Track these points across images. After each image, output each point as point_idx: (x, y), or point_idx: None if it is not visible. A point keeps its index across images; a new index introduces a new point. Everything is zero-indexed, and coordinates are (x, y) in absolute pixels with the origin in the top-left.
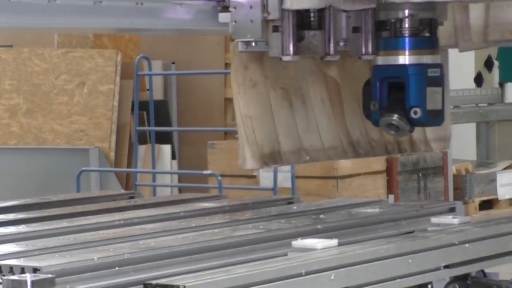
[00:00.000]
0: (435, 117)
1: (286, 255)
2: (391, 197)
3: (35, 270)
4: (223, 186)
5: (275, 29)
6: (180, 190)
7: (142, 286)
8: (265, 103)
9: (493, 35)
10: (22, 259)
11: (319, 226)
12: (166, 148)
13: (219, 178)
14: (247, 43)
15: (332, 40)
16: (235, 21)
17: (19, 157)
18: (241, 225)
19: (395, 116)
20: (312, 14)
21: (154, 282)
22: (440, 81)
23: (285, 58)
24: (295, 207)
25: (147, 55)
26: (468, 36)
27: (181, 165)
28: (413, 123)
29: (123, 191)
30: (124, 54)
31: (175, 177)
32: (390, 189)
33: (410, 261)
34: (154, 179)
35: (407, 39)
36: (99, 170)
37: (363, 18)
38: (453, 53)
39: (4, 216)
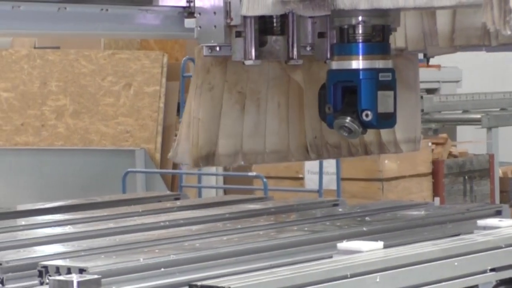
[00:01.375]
0: (387, 120)
1: (331, 257)
2: (437, 200)
3: (81, 270)
4: (268, 188)
5: (238, 34)
6: (226, 191)
7: (187, 287)
8: (216, 107)
9: (459, 40)
10: (68, 259)
11: (364, 229)
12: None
13: (265, 179)
14: (212, 48)
15: (295, 45)
16: (200, 27)
17: (66, 158)
18: (286, 227)
19: (348, 119)
20: (275, 20)
21: (199, 283)
22: (391, 85)
23: (247, 62)
24: (340, 209)
25: (193, 57)
26: (436, 41)
27: (226, 167)
28: (365, 126)
29: (168, 192)
30: (170, 56)
31: (221, 178)
32: (435, 191)
33: (456, 264)
34: (199, 181)
35: (359, 45)
36: (144, 172)
37: (328, 24)
38: (501, 55)
39: (51, 216)
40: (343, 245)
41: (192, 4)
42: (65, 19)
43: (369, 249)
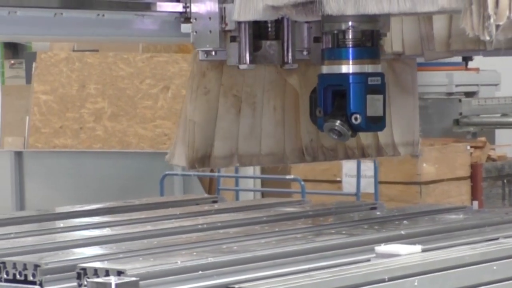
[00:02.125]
0: (376, 123)
1: (369, 260)
2: (475, 204)
3: (119, 273)
4: (306, 191)
5: (233, 39)
6: (263, 194)
7: None
8: (211, 110)
9: (455, 45)
10: (106, 262)
11: (402, 232)
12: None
13: (302, 183)
14: (207, 52)
15: (290, 50)
16: (196, 32)
17: (104, 160)
18: (324, 230)
19: (338, 122)
20: (269, 25)
21: (237, 286)
22: (381, 89)
23: (242, 67)
24: (378, 213)
25: None
26: (432, 46)
27: (264, 170)
28: (354, 129)
29: (206, 195)
30: None
31: (258, 181)
32: (474, 195)
33: (494, 268)
34: (237, 184)
35: (348, 50)
36: (182, 174)
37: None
38: None
39: (89, 219)
40: (381, 248)
41: (188, 10)
42: (61, 24)
43: (407, 253)
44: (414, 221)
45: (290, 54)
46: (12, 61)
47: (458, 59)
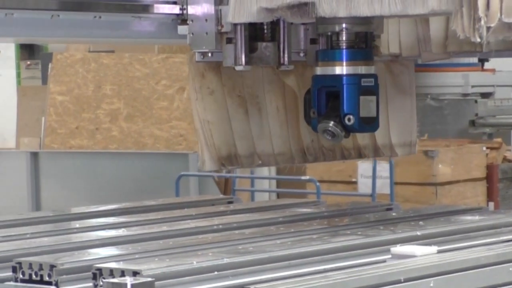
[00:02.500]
0: (369, 124)
1: (385, 261)
2: (491, 205)
3: (135, 273)
4: (321, 192)
5: (229, 40)
6: (278, 195)
7: None
8: (222, 110)
9: (451, 47)
10: (122, 262)
11: (418, 233)
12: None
13: (317, 183)
14: (204, 54)
15: (286, 51)
16: (192, 33)
17: (119, 161)
18: (339, 231)
19: (331, 123)
20: (265, 27)
21: (252, 286)
22: (374, 90)
23: (238, 68)
24: (394, 214)
25: None
26: (429, 47)
27: (279, 171)
28: (347, 130)
29: (221, 196)
30: None
31: (273, 182)
32: (490, 196)
33: (511, 269)
34: (252, 184)
35: (341, 51)
36: (198, 175)
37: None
38: None
39: (105, 219)
40: (397, 249)
41: (185, 12)
42: (58, 26)
43: (423, 254)
44: (429, 222)
45: (286, 55)
46: (28, 62)
47: (475, 59)
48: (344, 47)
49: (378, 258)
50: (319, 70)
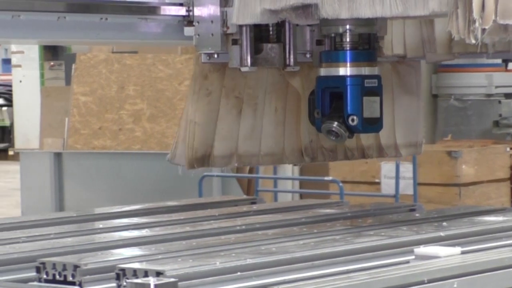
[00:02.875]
0: (373, 125)
1: (408, 262)
2: None
3: (158, 273)
4: (344, 193)
5: (234, 42)
6: (301, 196)
7: None
8: (213, 111)
9: (456, 48)
10: (145, 263)
11: (441, 234)
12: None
13: (341, 184)
14: (210, 55)
15: (291, 52)
16: (198, 35)
17: (142, 162)
18: (362, 231)
19: (335, 124)
20: (271, 29)
21: (275, 287)
22: (377, 91)
23: (243, 69)
24: (417, 214)
25: None
26: (434, 49)
27: (302, 171)
28: (351, 130)
29: (244, 196)
30: None
31: (296, 183)
32: None
33: None
34: (275, 185)
35: (345, 52)
36: (221, 176)
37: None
38: None
39: (128, 220)
40: (420, 250)
41: (191, 13)
42: (64, 28)
43: (447, 255)
44: (453, 223)
45: (291, 56)
46: (52, 63)
47: (498, 60)
48: (347, 48)
49: (401, 259)
50: (322, 71)
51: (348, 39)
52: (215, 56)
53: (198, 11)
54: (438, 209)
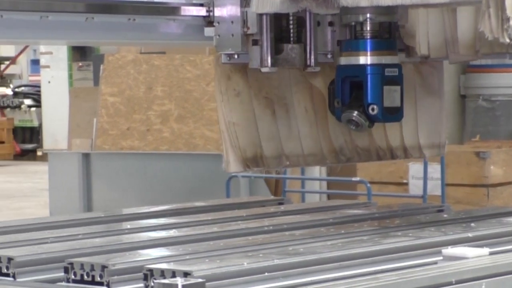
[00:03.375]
0: (393, 114)
1: (436, 263)
2: None
3: (185, 274)
4: (372, 193)
5: (255, 42)
6: (329, 196)
7: None
8: (248, 111)
9: (484, 49)
10: (172, 263)
11: (470, 235)
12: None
13: (368, 185)
14: (230, 56)
15: (312, 53)
16: (219, 35)
17: (170, 162)
18: (390, 232)
19: (355, 113)
20: (291, 29)
21: None
22: (398, 80)
23: (264, 70)
24: (445, 215)
25: None
26: (457, 49)
27: (330, 172)
28: (371, 119)
29: (272, 197)
30: None
31: (324, 183)
32: None
33: None
34: (303, 186)
35: (366, 41)
36: (248, 176)
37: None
38: None
39: (156, 220)
40: (448, 251)
41: (211, 14)
42: (92, 28)
43: (475, 256)
44: (481, 224)
45: (312, 57)
46: (80, 64)
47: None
48: (367, 37)
49: (429, 260)
50: (342, 60)
51: (368, 28)
52: (235, 56)
53: (218, 12)
54: (466, 210)
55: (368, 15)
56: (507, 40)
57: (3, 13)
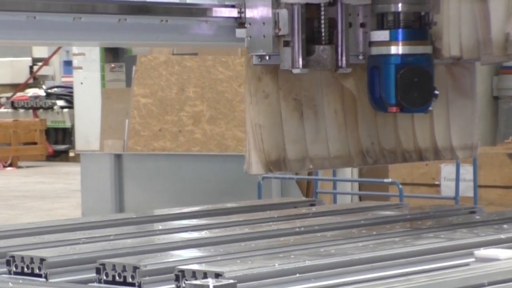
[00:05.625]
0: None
1: (468, 265)
2: None
3: (217, 275)
4: (404, 195)
5: (286, 43)
6: (361, 198)
7: None
8: (275, 113)
9: (511, 49)
10: (204, 264)
11: (502, 236)
12: None
13: (400, 186)
14: (261, 57)
15: (343, 54)
16: (250, 36)
17: (202, 163)
18: (422, 234)
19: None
20: (323, 30)
21: None
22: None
23: (295, 71)
24: (477, 217)
25: None
26: (490, 50)
27: (362, 173)
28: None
29: (304, 198)
30: None
31: (356, 185)
32: None
33: None
34: (334, 187)
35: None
36: (280, 177)
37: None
38: None
39: (188, 221)
40: (481, 252)
41: (243, 15)
42: (125, 29)
43: (507, 257)
44: None
45: (343, 58)
46: (113, 65)
47: None
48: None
49: (461, 262)
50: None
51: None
52: (267, 58)
53: (250, 13)
54: (498, 212)
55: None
56: None
57: (37, 15)
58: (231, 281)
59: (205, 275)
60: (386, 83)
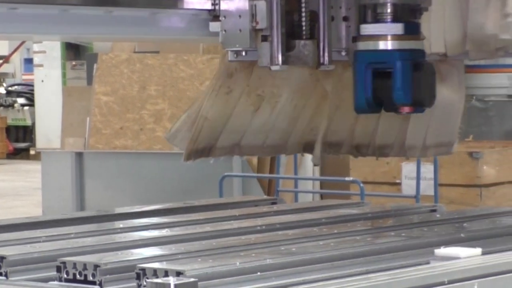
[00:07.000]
0: None
1: (429, 263)
2: None
3: (178, 273)
4: (365, 193)
5: (264, 38)
6: (322, 196)
7: None
8: (228, 110)
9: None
10: (165, 262)
11: (462, 235)
12: (308, 154)
13: (361, 185)
14: (237, 53)
15: (326, 50)
16: (225, 30)
17: (164, 162)
18: (383, 232)
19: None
20: (304, 24)
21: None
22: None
23: (274, 68)
24: (438, 215)
25: None
26: (477, 46)
27: (323, 172)
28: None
29: (265, 196)
30: None
31: (317, 183)
32: None
33: None
34: (296, 185)
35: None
36: (241, 176)
37: None
38: None
39: (148, 220)
40: (441, 251)
41: (217, 7)
42: (100, 22)
43: (467, 256)
44: (474, 224)
45: (326, 54)
46: (74, 63)
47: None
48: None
49: (421, 260)
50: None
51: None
52: (243, 53)
53: (225, 5)
54: (459, 210)
55: None
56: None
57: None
58: (192, 279)
59: (166, 273)
60: (402, 81)
